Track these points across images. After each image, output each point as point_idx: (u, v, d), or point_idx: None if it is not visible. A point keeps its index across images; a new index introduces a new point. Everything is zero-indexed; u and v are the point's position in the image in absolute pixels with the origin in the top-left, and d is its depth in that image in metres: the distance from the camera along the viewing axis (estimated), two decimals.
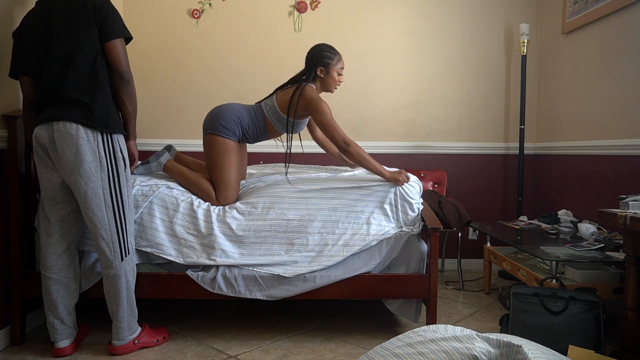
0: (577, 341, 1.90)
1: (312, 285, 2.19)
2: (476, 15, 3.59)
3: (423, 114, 3.62)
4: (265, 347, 2.20)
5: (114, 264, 1.99)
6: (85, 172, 1.90)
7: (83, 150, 1.89)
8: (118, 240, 2.00)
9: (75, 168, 1.90)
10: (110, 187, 1.97)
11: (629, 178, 2.60)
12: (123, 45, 1.98)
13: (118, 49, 1.95)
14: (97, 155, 1.92)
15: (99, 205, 1.95)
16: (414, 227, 2.30)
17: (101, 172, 1.94)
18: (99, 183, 1.94)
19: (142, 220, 2.20)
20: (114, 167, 1.98)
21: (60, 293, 2.04)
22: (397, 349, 1.20)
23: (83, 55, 1.91)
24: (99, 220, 1.96)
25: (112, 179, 1.97)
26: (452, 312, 2.70)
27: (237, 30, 3.52)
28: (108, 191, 1.96)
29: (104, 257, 2.00)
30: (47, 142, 1.92)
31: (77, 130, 1.89)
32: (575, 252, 2.29)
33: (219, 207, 2.28)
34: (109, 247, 1.99)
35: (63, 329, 2.05)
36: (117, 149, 1.99)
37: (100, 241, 1.98)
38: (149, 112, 3.52)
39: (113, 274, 2.00)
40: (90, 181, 1.92)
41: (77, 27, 1.91)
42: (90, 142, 1.91)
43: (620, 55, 2.70)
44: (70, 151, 1.89)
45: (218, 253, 2.17)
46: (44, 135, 1.92)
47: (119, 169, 2.00)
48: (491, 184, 3.66)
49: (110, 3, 1.99)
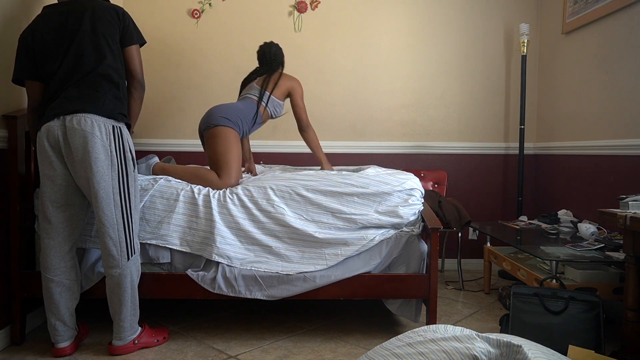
0: (577, 341, 1.90)
1: (312, 285, 2.19)
2: (476, 15, 3.59)
3: (423, 114, 3.62)
4: (265, 347, 2.20)
5: (120, 264, 1.99)
6: (98, 170, 1.91)
7: (97, 148, 1.90)
8: (125, 240, 2.00)
9: (88, 166, 1.90)
10: (119, 187, 1.97)
11: (629, 178, 2.60)
12: (139, 52, 2.13)
13: (135, 55, 2.10)
14: (109, 154, 1.94)
15: (109, 205, 1.95)
16: (414, 227, 2.31)
17: (112, 171, 1.95)
18: (109, 182, 1.94)
19: (145, 214, 2.21)
20: (124, 166, 1.99)
21: (63, 295, 2.03)
22: (397, 349, 1.20)
23: (109, 51, 1.99)
24: (107, 220, 1.96)
25: (122, 179, 1.98)
26: (452, 312, 2.70)
27: (237, 30, 3.52)
28: (117, 190, 1.97)
29: (110, 256, 1.99)
30: (61, 139, 1.92)
31: (92, 127, 1.90)
32: (575, 252, 2.29)
33: (219, 193, 2.28)
34: (116, 246, 1.98)
35: (65, 330, 2.05)
36: (127, 147, 2.02)
37: (107, 240, 1.98)
38: (149, 112, 3.52)
39: (119, 274, 2.00)
40: (102, 180, 1.92)
41: (104, 26, 1.99)
42: (103, 140, 1.92)
43: (620, 55, 2.70)
44: (84, 149, 1.89)
45: (218, 239, 2.17)
46: (56, 132, 1.91)
47: (128, 169, 2.01)
48: (491, 184, 3.66)
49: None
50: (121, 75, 2.05)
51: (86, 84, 1.96)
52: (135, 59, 2.09)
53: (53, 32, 1.97)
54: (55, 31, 1.97)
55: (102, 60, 1.97)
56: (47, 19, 2.00)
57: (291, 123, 3.57)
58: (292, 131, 3.57)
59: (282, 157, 3.54)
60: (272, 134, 3.57)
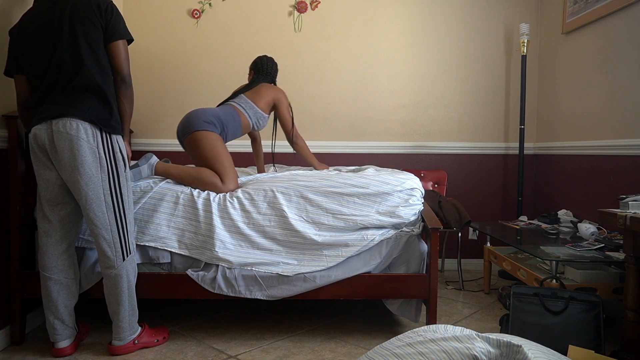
0: (577, 341, 1.90)
1: (312, 285, 2.19)
2: (476, 15, 3.59)
3: (423, 114, 3.62)
4: (265, 347, 2.20)
5: (115, 264, 1.99)
6: (85, 173, 1.90)
7: (83, 151, 1.89)
8: (119, 241, 2.00)
9: (75, 169, 1.89)
10: (110, 188, 1.97)
11: (629, 178, 2.60)
12: (126, 47, 2.01)
13: (121, 50, 1.98)
14: (97, 155, 1.92)
15: (99, 206, 1.95)
16: (414, 227, 2.31)
17: (101, 172, 1.94)
18: (99, 184, 1.94)
19: (144, 216, 2.21)
20: (114, 167, 1.98)
21: (61, 294, 2.03)
22: (397, 349, 1.20)
23: (88, 55, 1.92)
24: (99, 221, 1.96)
25: (113, 180, 1.97)
26: (452, 312, 2.70)
27: (237, 30, 3.52)
28: (108, 192, 1.96)
29: (105, 257, 2.00)
30: (47, 142, 1.91)
31: (78, 130, 1.88)
32: (575, 252, 2.29)
33: (219, 197, 2.27)
34: (111, 247, 1.99)
35: (63, 329, 2.05)
36: (117, 149, 1.99)
37: (101, 241, 1.98)
38: (149, 112, 3.52)
39: (115, 274, 2.00)
40: (90, 182, 1.92)
41: (83, 26, 1.92)
42: (90, 142, 1.90)
43: (620, 55, 2.70)
44: (70, 152, 1.88)
45: (217, 243, 2.17)
46: (43, 135, 1.91)
47: (119, 170, 2.00)
48: (491, 184, 3.66)
49: (115, 5, 2.01)
50: (106, 78, 1.97)
51: (70, 91, 1.92)
52: (119, 55, 1.97)
53: (38, 31, 1.94)
54: (40, 30, 1.94)
55: (80, 69, 1.91)
56: (33, 15, 1.96)
57: None
58: None
59: (282, 157, 3.54)
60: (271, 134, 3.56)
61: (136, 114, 3.48)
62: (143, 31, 3.49)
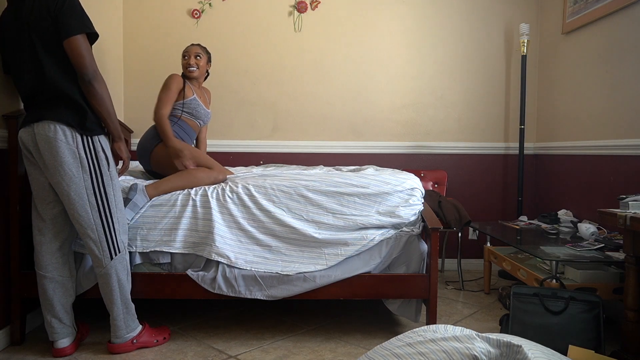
0: (577, 341, 1.90)
1: (312, 285, 2.19)
2: (476, 15, 3.59)
3: (423, 114, 3.62)
4: (265, 347, 2.20)
5: (103, 263, 2.00)
6: (66, 174, 1.90)
7: (62, 152, 1.89)
8: (106, 239, 1.99)
9: (56, 171, 1.90)
10: (94, 188, 1.96)
11: (629, 178, 2.60)
12: (84, 42, 1.87)
13: (76, 47, 1.84)
14: (77, 156, 1.91)
15: (83, 206, 1.95)
16: (414, 227, 2.31)
17: (83, 173, 1.93)
18: (81, 184, 1.93)
19: (144, 224, 2.21)
20: (96, 167, 1.96)
21: (57, 292, 2.04)
22: (397, 349, 1.20)
23: (47, 60, 1.88)
24: (84, 221, 1.96)
25: (96, 180, 1.96)
26: (452, 312, 2.70)
27: (237, 30, 3.52)
28: (92, 191, 1.96)
29: (93, 256, 2.01)
30: (31, 145, 1.93)
31: (56, 133, 1.88)
32: (575, 252, 2.29)
33: (217, 192, 2.27)
34: (97, 246, 1.99)
35: (61, 328, 2.05)
36: (99, 148, 1.97)
37: (88, 241, 1.99)
38: (147, 112, 3.51)
39: (104, 273, 2.01)
40: (72, 183, 1.91)
41: (37, 30, 1.87)
42: (69, 143, 1.90)
43: (620, 55, 2.70)
44: (50, 154, 1.89)
45: (217, 238, 2.17)
46: (27, 138, 1.93)
47: (102, 169, 1.98)
48: (491, 184, 3.66)
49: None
50: (72, 80, 1.91)
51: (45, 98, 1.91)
52: (75, 51, 1.84)
53: (12, 31, 1.93)
54: (12, 31, 1.93)
55: (44, 77, 1.88)
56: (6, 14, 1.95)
57: (291, 123, 3.58)
58: (292, 131, 3.58)
59: (282, 157, 3.54)
60: (271, 134, 3.57)
61: (136, 115, 3.49)
62: (143, 31, 3.49)
